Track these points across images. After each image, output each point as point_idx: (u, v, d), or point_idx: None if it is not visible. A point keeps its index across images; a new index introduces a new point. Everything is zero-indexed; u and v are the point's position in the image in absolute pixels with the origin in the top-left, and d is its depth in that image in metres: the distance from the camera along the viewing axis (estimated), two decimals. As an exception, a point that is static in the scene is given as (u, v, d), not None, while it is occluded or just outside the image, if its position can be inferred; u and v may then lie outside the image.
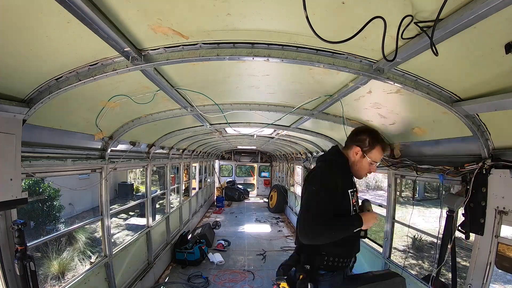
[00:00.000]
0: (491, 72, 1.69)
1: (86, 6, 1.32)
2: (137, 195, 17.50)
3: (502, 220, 2.11)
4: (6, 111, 2.05)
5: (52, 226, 10.60)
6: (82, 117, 3.02)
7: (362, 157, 2.15)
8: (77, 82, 2.12)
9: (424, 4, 1.30)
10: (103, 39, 1.63)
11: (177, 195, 8.76)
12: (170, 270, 6.39)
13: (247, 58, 1.94)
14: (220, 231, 9.67)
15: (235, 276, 6.15)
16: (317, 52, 1.90)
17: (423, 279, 3.26)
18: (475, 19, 1.22)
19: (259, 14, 1.56)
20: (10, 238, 2.34)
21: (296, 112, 3.62)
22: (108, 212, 4.02)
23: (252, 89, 3.07)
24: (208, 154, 12.63)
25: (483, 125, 2.15)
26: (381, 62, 1.90)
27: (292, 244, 8.46)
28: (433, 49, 1.36)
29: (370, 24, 1.37)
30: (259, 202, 15.89)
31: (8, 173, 2.11)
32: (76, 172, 3.46)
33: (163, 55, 1.95)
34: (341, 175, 2.10)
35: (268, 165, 17.76)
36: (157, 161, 6.23)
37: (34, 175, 2.71)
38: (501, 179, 2.09)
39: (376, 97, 2.70)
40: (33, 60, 1.87)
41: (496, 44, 1.42)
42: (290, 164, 11.93)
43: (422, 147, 3.16)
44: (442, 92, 2.09)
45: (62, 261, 8.12)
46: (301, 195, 2.30)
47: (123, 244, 4.70)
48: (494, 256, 2.14)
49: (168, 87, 2.67)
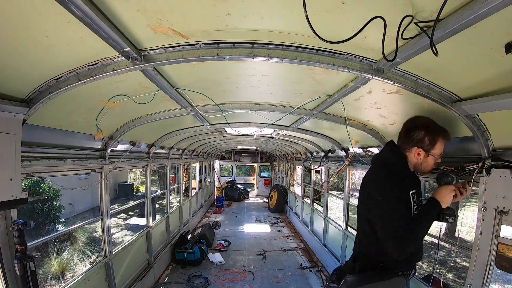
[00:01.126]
0: (491, 72, 1.68)
1: (86, 6, 1.32)
2: (137, 195, 17.51)
3: (502, 220, 2.11)
4: (6, 111, 2.05)
5: (52, 226, 10.60)
6: (82, 117, 3.02)
7: (426, 156, 2.03)
8: (77, 82, 2.12)
9: (424, 4, 1.30)
10: (103, 39, 1.63)
11: (177, 195, 8.76)
12: (170, 270, 6.39)
13: (247, 58, 1.93)
14: (220, 231, 9.67)
15: (235, 276, 6.15)
16: (317, 52, 1.90)
17: (423, 279, 3.26)
18: (475, 19, 1.22)
19: (259, 14, 1.56)
20: (10, 238, 2.34)
21: (296, 112, 3.62)
22: (108, 212, 4.02)
23: (252, 89, 3.07)
24: (208, 154, 12.63)
25: (483, 125, 2.15)
26: (381, 62, 1.90)
27: (292, 244, 8.47)
28: (433, 49, 1.36)
29: (370, 24, 1.37)
30: (259, 202, 15.89)
31: (8, 173, 2.11)
32: (76, 172, 3.46)
33: (163, 55, 1.95)
34: (404, 179, 2.02)
35: (268, 165, 17.76)
36: (157, 161, 6.23)
37: (34, 175, 2.71)
38: (501, 179, 2.09)
39: (376, 97, 2.70)
40: (33, 60, 1.87)
41: (496, 44, 1.42)
42: (290, 164, 11.93)
43: (422, 147, 3.16)
44: (442, 92, 2.09)
45: (62, 261, 8.12)
46: (362, 202, 2.21)
47: (123, 244, 4.70)
48: (494, 256, 2.13)
49: (168, 87, 2.67)
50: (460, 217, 2.62)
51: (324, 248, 6.72)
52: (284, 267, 6.72)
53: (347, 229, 5.57)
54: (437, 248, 2.78)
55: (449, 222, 2.04)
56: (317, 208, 7.99)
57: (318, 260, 7.07)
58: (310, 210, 8.33)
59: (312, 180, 8.38)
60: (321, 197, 7.67)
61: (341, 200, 6.10)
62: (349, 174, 5.60)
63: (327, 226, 6.82)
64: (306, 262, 7.00)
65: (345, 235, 5.55)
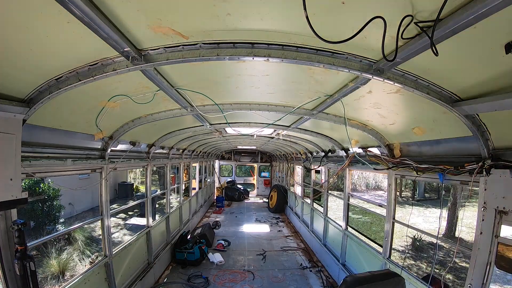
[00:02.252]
0: (491, 72, 1.69)
1: (86, 6, 1.32)
2: (137, 195, 17.50)
3: (502, 220, 2.11)
4: (6, 111, 2.05)
5: (52, 226, 10.59)
6: (82, 117, 3.02)
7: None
8: (77, 82, 2.12)
9: (424, 4, 1.30)
10: (103, 39, 1.64)
11: (177, 195, 8.76)
12: (170, 270, 6.39)
13: (247, 58, 1.94)
14: (220, 231, 9.67)
15: (235, 276, 6.15)
16: (317, 52, 1.90)
17: (423, 279, 3.26)
18: (475, 19, 1.22)
19: (259, 14, 1.56)
20: (10, 238, 2.34)
21: (296, 112, 3.62)
22: (108, 212, 4.02)
23: (252, 89, 3.07)
24: (208, 154, 12.63)
25: (483, 125, 2.15)
26: (381, 62, 1.90)
27: (292, 244, 8.46)
28: (433, 49, 1.36)
29: (370, 24, 1.37)
30: (259, 202, 15.89)
31: (8, 173, 2.11)
32: (76, 172, 3.46)
33: (163, 55, 1.95)
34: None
35: (268, 165, 17.77)
36: (157, 161, 6.23)
37: (34, 175, 2.71)
38: (501, 179, 2.09)
39: (376, 97, 2.70)
40: (33, 60, 1.87)
41: (496, 44, 1.42)
42: (290, 164, 11.94)
43: (422, 147, 3.16)
44: (442, 92, 2.09)
45: (61, 261, 8.12)
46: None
47: (123, 244, 4.69)
48: (494, 256, 2.13)
49: (168, 87, 2.67)
50: (460, 217, 2.62)
51: (324, 248, 6.73)
52: (284, 267, 6.72)
53: (347, 229, 5.57)
54: (435, 248, 2.78)
55: None
56: (317, 208, 8.00)
57: (318, 260, 7.07)
58: (310, 210, 8.34)
59: (312, 180, 8.38)
60: (321, 197, 7.67)
61: (341, 200, 6.10)
62: (349, 174, 5.60)
63: (327, 226, 6.82)
64: (306, 262, 7.00)
65: (345, 235, 5.55)
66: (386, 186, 4.26)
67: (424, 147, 3.13)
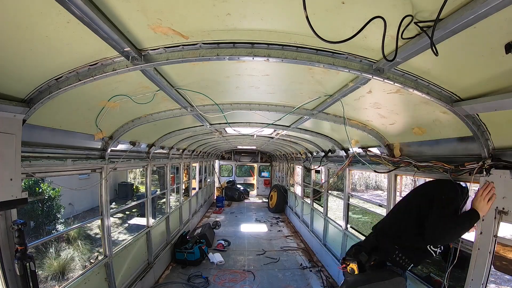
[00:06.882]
0: (491, 72, 1.68)
1: (86, 6, 1.32)
2: (137, 195, 17.49)
3: (502, 220, 2.11)
4: (6, 111, 2.05)
5: (52, 226, 10.59)
6: (82, 117, 3.02)
7: None
8: (77, 82, 2.12)
9: (424, 4, 1.30)
10: (103, 39, 1.64)
11: (177, 195, 8.76)
12: (170, 270, 6.39)
13: (247, 58, 1.94)
14: (220, 231, 9.67)
15: (235, 276, 6.15)
16: (317, 52, 1.90)
17: (423, 279, 3.26)
18: (475, 19, 1.22)
19: (259, 14, 1.56)
20: (10, 238, 2.34)
21: (296, 112, 3.62)
22: (108, 212, 4.02)
23: (252, 89, 3.07)
24: (208, 154, 12.63)
25: (483, 125, 2.15)
26: (381, 62, 1.90)
27: (292, 244, 8.46)
28: (433, 49, 1.36)
29: (370, 24, 1.37)
30: (259, 202, 15.88)
31: (8, 173, 2.11)
32: (76, 172, 3.46)
33: (163, 55, 1.95)
34: None
35: (268, 165, 17.75)
36: (157, 161, 6.23)
37: (34, 175, 2.71)
38: (501, 179, 2.09)
39: (376, 97, 2.70)
40: (33, 60, 1.87)
41: (496, 44, 1.42)
42: (290, 164, 11.93)
43: (422, 147, 3.16)
44: (442, 92, 2.09)
45: (61, 261, 8.12)
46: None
47: (123, 244, 4.70)
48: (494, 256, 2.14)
49: (168, 87, 2.67)
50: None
51: (324, 248, 6.72)
52: (284, 267, 6.72)
53: (347, 229, 5.57)
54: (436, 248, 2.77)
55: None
56: (317, 208, 7.99)
57: (318, 260, 7.07)
58: (310, 210, 8.34)
59: (312, 180, 8.38)
60: (321, 197, 7.67)
61: (341, 200, 6.09)
62: (349, 174, 5.60)
63: (327, 226, 6.82)
64: (306, 262, 7.00)
65: (345, 235, 5.55)
66: (386, 186, 4.25)
67: (424, 147, 3.13)
